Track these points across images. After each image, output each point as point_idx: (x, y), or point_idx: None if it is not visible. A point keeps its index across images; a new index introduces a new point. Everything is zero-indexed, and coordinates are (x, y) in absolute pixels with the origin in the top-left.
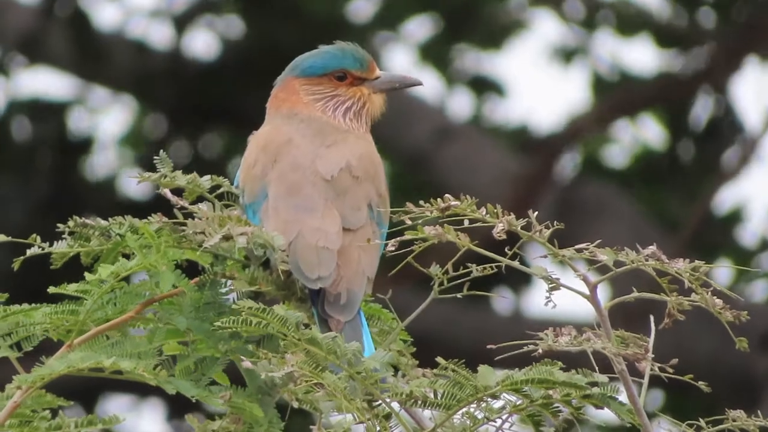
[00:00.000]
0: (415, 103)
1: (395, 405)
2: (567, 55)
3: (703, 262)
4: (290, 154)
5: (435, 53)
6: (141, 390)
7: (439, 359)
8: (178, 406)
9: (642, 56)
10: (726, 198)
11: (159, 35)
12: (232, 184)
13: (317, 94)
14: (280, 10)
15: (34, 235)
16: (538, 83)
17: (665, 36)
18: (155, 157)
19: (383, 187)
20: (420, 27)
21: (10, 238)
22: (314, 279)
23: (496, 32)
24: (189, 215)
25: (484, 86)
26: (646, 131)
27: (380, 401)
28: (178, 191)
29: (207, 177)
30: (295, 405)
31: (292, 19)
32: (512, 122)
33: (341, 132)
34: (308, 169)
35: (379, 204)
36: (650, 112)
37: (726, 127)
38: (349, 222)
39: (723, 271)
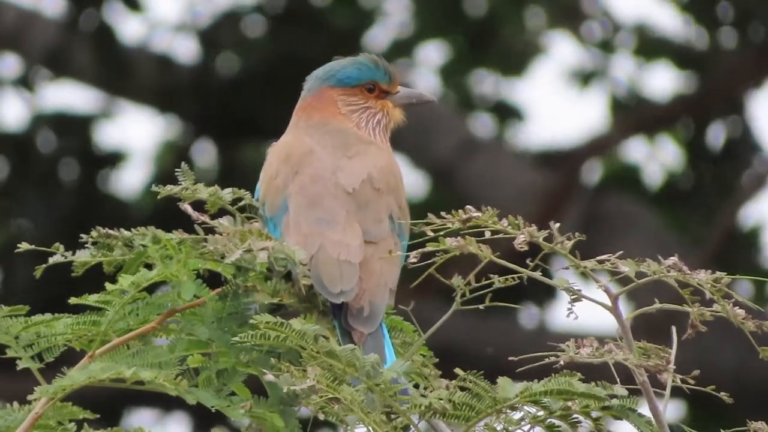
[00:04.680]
0: (440, 116)
1: (414, 417)
2: (584, 77)
3: (725, 273)
4: (311, 166)
5: (454, 80)
6: (165, 404)
7: (457, 371)
8: (202, 420)
9: (660, 78)
10: (749, 217)
11: (183, 49)
12: (253, 196)
13: (353, 105)
14: (305, 24)
15: (57, 244)
16: (555, 105)
17: (684, 57)
18: (177, 170)
19: (403, 199)
20: (439, 51)
21: (33, 247)
22: (336, 293)
23: (515, 57)
24: (210, 230)
25: (504, 112)
26: (665, 153)
27: (399, 413)
28: (201, 205)
29: (228, 190)
30: (321, 417)
31: (317, 33)
32: (531, 145)
33: (364, 143)
34: (329, 180)
35: (400, 216)
36: (668, 134)
37: (744, 147)
38: (371, 234)
39: (746, 288)
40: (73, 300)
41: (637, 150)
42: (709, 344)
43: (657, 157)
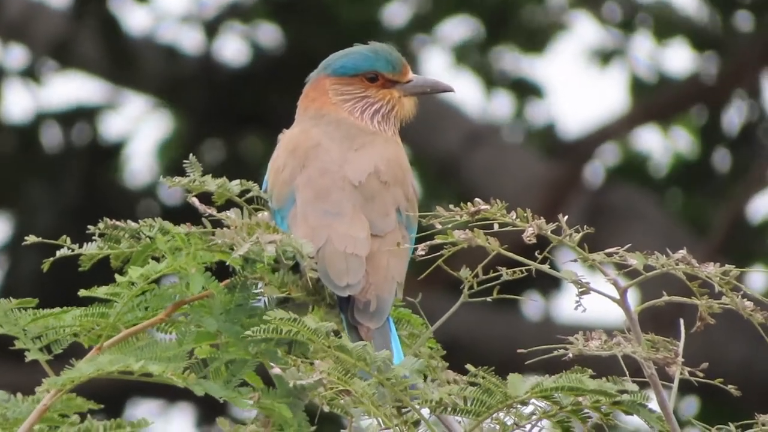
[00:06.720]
0: (445, 108)
1: (425, 411)
2: (605, 56)
3: (734, 266)
4: (318, 159)
5: (473, 57)
6: (170, 395)
7: (468, 366)
8: (207, 412)
9: (679, 58)
10: (761, 205)
11: (189, 40)
12: (261, 187)
13: (346, 94)
14: (313, 16)
15: (64, 237)
16: (575, 84)
17: (701, 39)
18: (185, 162)
19: (411, 191)
20: (457, 29)
21: (40, 239)
22: (343, 287)
23: (535, 35)
24: (217, 223)
25: (523, 89)
26: (678, 140)
27: (410, 408)
28: (207, 196)
29: (236, 181)
30: (326, 409)
31: (325, 24)
32: (548, 123)
33: (369, 134)
34: (336, 174)
35: (408, 208)
36: (681, 123)
37: (760, 132)
38: (378, 228)
39: (757, 280)
40: (82, 292)
41: (648, 138)
42: (716, 337)
43: (669, 145)
